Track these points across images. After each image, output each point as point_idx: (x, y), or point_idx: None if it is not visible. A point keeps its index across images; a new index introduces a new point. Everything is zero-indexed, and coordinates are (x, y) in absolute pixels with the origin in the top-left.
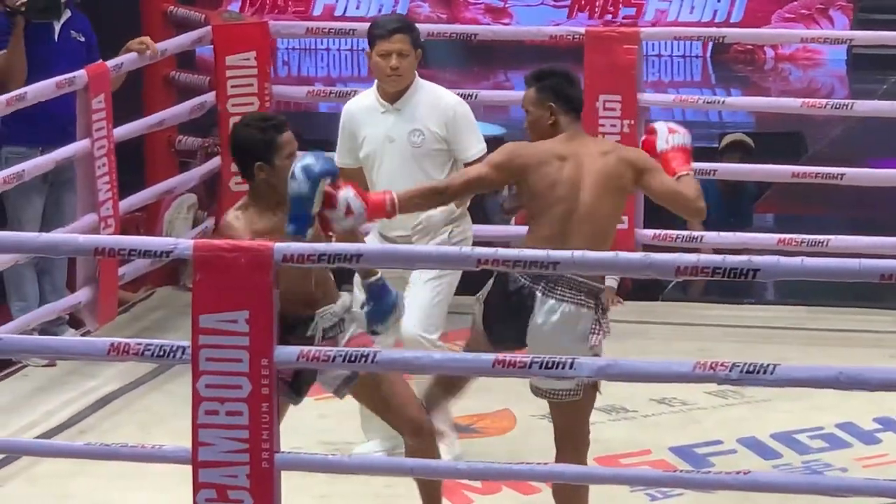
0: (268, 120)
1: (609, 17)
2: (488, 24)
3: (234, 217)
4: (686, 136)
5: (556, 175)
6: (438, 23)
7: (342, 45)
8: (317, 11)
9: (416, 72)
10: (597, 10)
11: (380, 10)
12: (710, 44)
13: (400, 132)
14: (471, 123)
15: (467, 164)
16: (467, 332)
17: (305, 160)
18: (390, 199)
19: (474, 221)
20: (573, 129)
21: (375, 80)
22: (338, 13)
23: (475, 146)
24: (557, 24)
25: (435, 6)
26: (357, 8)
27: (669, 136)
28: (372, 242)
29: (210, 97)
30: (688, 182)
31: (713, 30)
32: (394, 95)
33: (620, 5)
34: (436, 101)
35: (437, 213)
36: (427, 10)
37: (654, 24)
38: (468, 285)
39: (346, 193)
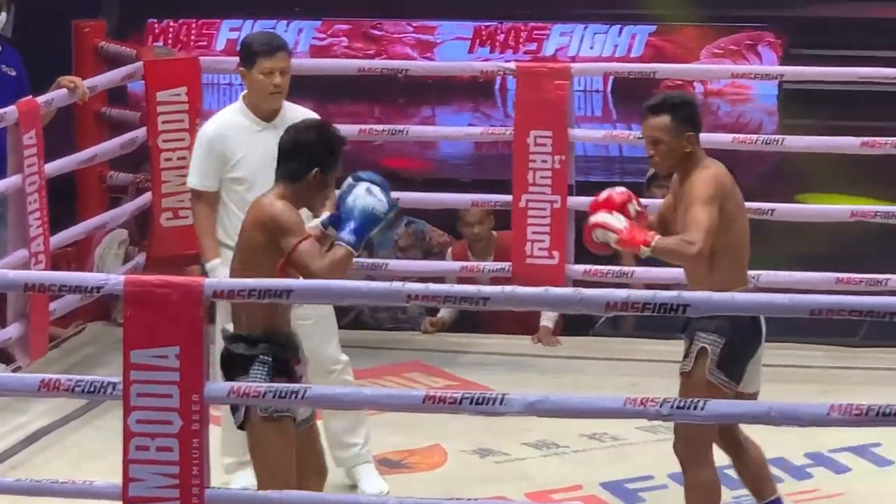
0: (338, 133)
1: (510, 52)
2: (414, 58)
3: (285, 205)
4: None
5: (740, 199)
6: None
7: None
8: (219, 46)
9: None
10: (497, 45)
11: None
12: (611, 79)
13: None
14: None
15: None
16: (393, 367)
17: (377, 184)
18: (651, 235)
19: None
20: (703, 152)
21: (240, 98)
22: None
23: None
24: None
25: (354, 40)
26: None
27: (615, 216)
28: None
29: (141, 132)
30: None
31: (645, 65)
32: (270, 113)
33: (522, 41)
34: (303, 117)
35: None
36: (345, 43)
37: (554, 60)
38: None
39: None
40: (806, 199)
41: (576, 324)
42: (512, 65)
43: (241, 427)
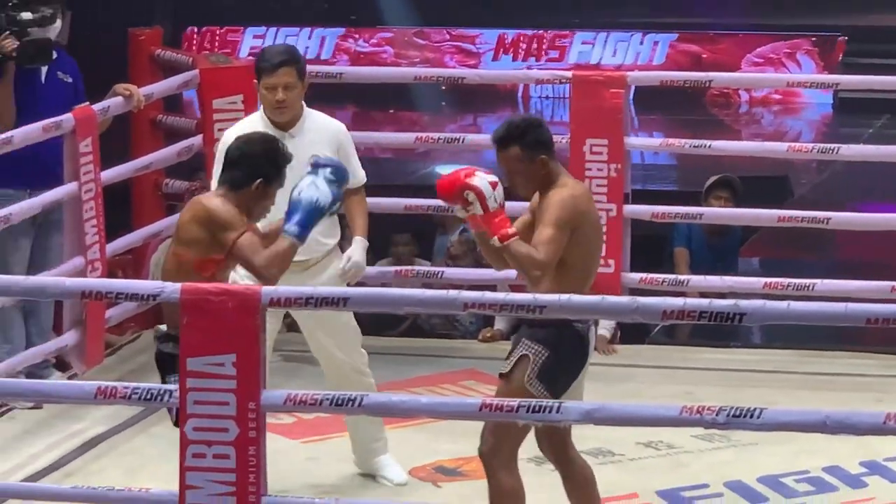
0: (285, 149)
1: (533, 59)
2: (454, 66)
3: (222, 201)
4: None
5: (594, 218)
6: (409, 66)
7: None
8: (243, 53)
9: (303, 101)
10: (521, 52)
11: (305, 53)
12: (633, 87)
13: (299, 158)
14: (354, 149)
15: (352, 190)
16: (449, 375)
17: (331, 169)
18: (513, 232)
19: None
20: (559, 166)
21: (260, 109)
22: None
23: (360, 171)
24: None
25: (402, 48)
26: None
27: (495, 192)
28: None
29: (197, 140)
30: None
31: (699, 74)
32: (286, 124)
33: (545, 49)
34: (325, 127)
35: (360, 250)
36: (391, 52)
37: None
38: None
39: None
40: (861, 207)
41: (631, 332)
42: (568, 73)
43: (176, 424)
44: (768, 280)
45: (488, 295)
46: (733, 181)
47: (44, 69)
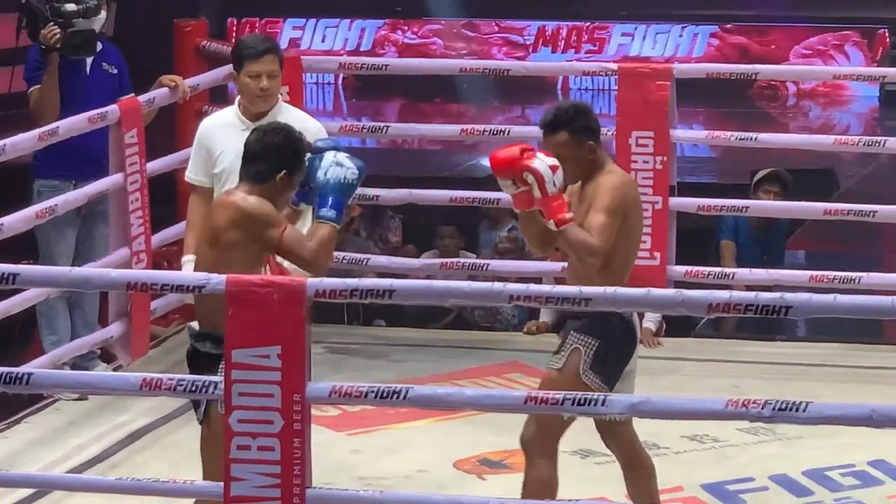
0: (304, 138)
1: (572, 51)
2: (502, 58)
3: (257, 199)
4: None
5: (640, 205)
6: (457, 57)
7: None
8: (282, 45)
9: (280, 94)
10: (560, 44)
11: (344, 44)
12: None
13: None
14: None
15: None
16: (493, 367)
17: (343, 153)
18: (570, 217)
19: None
20: (605, 155)
21: (237, 99)
22: (303, 46)
23: None
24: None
25: (450, 40)
26: (322, 41)
27: (555, 176)
28: None
29: None
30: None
31: (746, 66)
32: (258, 115)
33: (584, 41)
34: (299, 123)
35: None
36: (440, 44)
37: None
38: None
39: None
40: None
41: (677, 325)
42: (614, 65)
43: (201, 422)
44: (814, 273)
45: (534, 287)
46: (783, 175)
47: (89, 60)
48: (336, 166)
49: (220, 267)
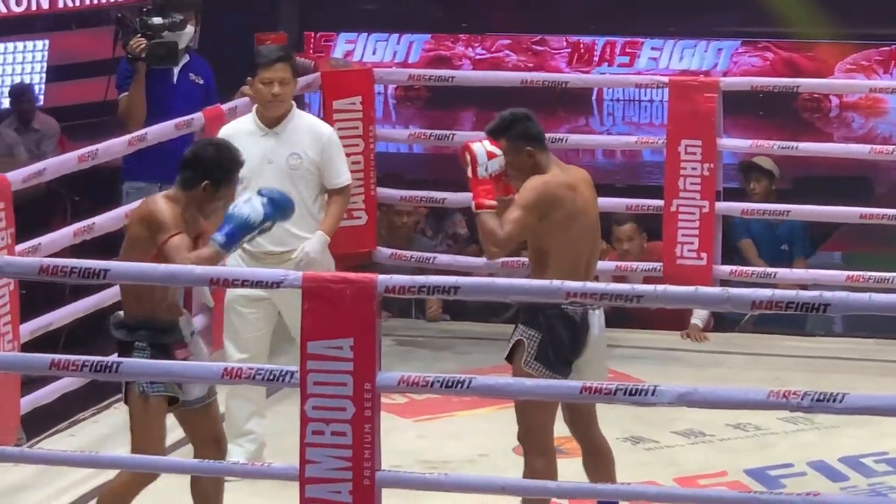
0: (236, 155)
1: (605, 65)
2: (569, 72)
3: (166, 203)
4: (502, 161)
5: (573, 205)
6: (525, 70)
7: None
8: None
9: (293, 101)
10: (595, 58)
11: (393, 57)
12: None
13: (279, 154)
14: (341, 152)
15: (333, 190)
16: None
17: (268, 196)
18: (490, 205)
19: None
20: (550, 158)
21: (254, 107)
22: (354, 59)
23: (344, 174)
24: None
25: (521, 54)
26: (373, 53)
27: (489, 162)
28: (233, 259)
29: None
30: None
31: (788, 80)
32: (273, 120)
33: (616, 55)
34: (312, 128)
35: (317, 244)
36: (514, 58)
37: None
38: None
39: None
40: None
41: (722, 321)
42: (665, 78)
43: (125, 402)
44: (851, 273)
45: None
46: (759, 165)
47: (176, 71)
48: (246, 204)
49: (123, 260)
